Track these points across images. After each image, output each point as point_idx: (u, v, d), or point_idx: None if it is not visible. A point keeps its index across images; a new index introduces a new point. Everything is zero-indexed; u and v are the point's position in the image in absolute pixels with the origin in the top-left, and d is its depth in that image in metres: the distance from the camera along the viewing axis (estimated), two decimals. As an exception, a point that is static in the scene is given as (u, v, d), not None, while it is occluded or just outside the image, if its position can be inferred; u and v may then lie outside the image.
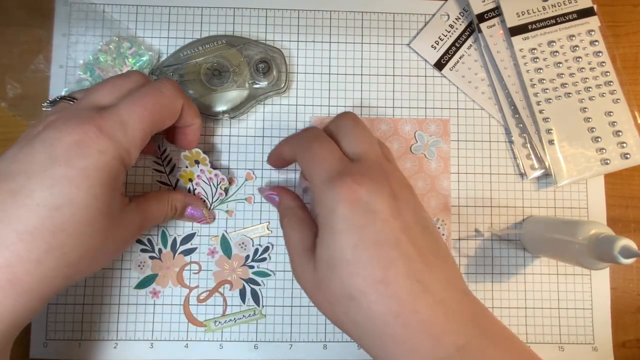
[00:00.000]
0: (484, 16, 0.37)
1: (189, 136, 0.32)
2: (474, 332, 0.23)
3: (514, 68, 0.37)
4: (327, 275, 0.25)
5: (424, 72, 0.38)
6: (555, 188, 0.37)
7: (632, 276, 0.37)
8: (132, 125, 0.25)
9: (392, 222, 0.24)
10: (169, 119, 0.28)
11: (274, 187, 0.34)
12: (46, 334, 0.34)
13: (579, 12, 0.36)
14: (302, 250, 0.27)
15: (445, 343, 0.22)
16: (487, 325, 0.24)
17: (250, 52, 0.35)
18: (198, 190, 0.34)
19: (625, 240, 0.26)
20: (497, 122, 0.37)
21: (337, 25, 0.38)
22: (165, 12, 0.37)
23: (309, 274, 0.26)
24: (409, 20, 0.38)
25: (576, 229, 0.29)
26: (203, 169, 0.33)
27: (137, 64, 0.35)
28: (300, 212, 0.30)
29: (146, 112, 0.26)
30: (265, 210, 0.36)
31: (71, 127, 0.24)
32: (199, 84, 0.34)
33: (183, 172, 0.34)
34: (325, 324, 0.35)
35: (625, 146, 0.35)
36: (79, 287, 0.35)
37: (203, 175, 0.34)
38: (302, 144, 0.28)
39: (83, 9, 0.36)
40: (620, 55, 0.37)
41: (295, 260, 0.28)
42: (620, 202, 0.37)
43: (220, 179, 0.34)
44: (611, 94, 0.36)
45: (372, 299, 0.23)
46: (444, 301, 0.23)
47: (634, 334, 0.36)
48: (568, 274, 0.36)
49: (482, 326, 0.24)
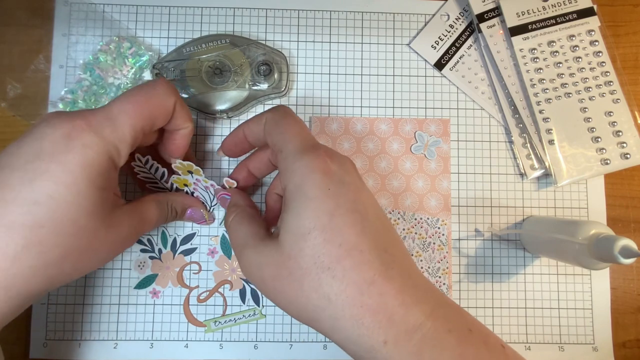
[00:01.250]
0: (484, 16, 0.37)
1: (177, 141, 0.30)
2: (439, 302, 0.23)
3: (514, 68, 0.37)
4: (297, 247, 0.23)
5: (424, 72, 0.38)
6: (555, 188, 0.37)
7: (632, 276, 0.37)
8: (121, 121, 0.25)
9: (362, 194, 0.25)
10: (160, 118, 0.27)
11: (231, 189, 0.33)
12: (46, 334, 0.34)
13: (579, 12, 0.36)
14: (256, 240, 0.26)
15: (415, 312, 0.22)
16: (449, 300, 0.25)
17: (253, 53, 0.35)
18: (196, 194, 0.34)
19: (625, 240, 0.26)
20: (497, 122, 0.37)
21: (337, 25, 0.38)
22: (165, 12, 0.37)
23: (268, 258, 0.25)
24: (409, 20, 0.38)
25: (576, 229, 0.29)
26: (199, 179, 0.32)
27: (137, 64, 0.35)
28: (249, 209, 0.30)
29: (136, 108, 0.26)
30: (265, 210, 0.36)
31: (61, 121, 0.24)
32: (199, 81, 0.34)
33: (177, 178, 0.33)
34: (325, 324, 0.35)
35: (625, 146, 0.35)
36: (79, 287, 0.35)
37: (199, 183, 0.33)
38: (275, 117, 0.28)
39: (83, 9, 0.36)
40: (620, 55, 0.37)
41: (248, 252, 0.26)
42: (620, 202, 0.37)
43: (216, 189, 0.33)
44: (611, 94, 0.36)
45: (347, 266, 0.23)
46: (410, 274, 0.24)
47: (634, 334, 0.36)
48: (568, 274, 0.36)
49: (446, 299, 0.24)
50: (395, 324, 0.22)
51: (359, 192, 0.25)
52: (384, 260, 0.23)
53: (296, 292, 0.24)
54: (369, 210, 0.25)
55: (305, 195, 0.24)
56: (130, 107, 0.25)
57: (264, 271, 0.25)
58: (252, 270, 0.26)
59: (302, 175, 0.24)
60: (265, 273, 0.25)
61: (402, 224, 0.36)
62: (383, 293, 0.22)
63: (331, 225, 0.23)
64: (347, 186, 0.24)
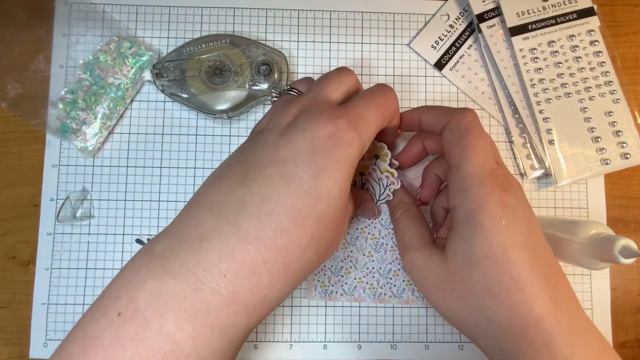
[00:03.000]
0: (484, 16, 0.37)
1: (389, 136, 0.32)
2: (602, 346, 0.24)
3: (514, 68, 0.37)
4: (466, 271, 0.25)
5: (424, 72, 0.38)
6: (555, 188, 0.37)
7: (632, 276, 0.37)
8: (369, 121, 0.26)
9: (533, 228, 0.25)
10: (390, 119, 0.29)
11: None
12: (46, 334, 0.34)
13: (579, 12, 0.36)
14: (422, 244, 0.28)
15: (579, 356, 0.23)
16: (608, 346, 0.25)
17: (253, 53, 0.35)
18: (367, 186, 0.34)
19: (626, 240, 0.26)
20: (497, 122, 0.37)
21: (337, 25, 0.38)
22: (165, 12, 0.37)
23: (435, 267, 0.27)
24: (409, 20, 0.38)
25: (576, 229, 0.29)
26: (375, 168, 0.33)
27: (137, 64, 0.35)
28: (415, 208, 0.31)
29: (380, 110, 0.27)
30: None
31: (325, 119, 0.24)
32: (199, 81, 0.34)
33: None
34: (325, 324, 0.35)
35: (625, 146, 0.35)
36: (79, 287, 0.35)
37: (374, 173, 0.33)
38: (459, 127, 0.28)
39: (83, 9, 0.36)
40: (620, 55, 0.37)
41: (414, 254, 0.28)
42: (620, 202, 0.37)
43: (390, 182, 0.33)
44: (611, 94, 0.36)
45: (517, 299, 0.24)
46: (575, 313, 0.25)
47: (634, 334, 0.36)
48: (568, 274, 0.36)
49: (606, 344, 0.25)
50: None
51: (530, 227, 0.25)
52: (553, 298, 0.24)
53: (456, 305, 0.26)
54: (539, 246, 0.25)
55: (479, 224, 0.25)
56: (375, 108, 0.27)
57: (427, 277, 0.27)
58: (414, 272, 0.28)
59: (476, 203, 0.25)
60: (428, 279, 0.27)
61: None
62: (549, 331, 0.23)
63: (503, 258, 0.24)
64: (520, 220, 0.25)
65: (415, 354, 0.35)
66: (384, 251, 0.35)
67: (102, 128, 0.35)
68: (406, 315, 0.35)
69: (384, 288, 0.35)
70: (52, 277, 0.35)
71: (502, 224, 0.25)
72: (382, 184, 0.33)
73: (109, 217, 0.35)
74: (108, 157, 0.36)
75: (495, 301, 0.24)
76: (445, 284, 0.26)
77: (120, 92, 0.35)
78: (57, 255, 0.35)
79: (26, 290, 0.35)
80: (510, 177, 0.27)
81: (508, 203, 0.25)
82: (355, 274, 0.35)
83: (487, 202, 0.25)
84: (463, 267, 0.25)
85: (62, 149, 0.36)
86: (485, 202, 0.25)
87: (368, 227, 0.35)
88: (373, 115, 0.26)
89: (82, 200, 0.35)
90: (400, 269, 0.35)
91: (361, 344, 0.35)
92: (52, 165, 0.35)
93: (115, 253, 0.35)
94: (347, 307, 0.35)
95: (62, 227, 0.35)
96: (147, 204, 0.36)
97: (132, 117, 0.36)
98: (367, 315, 0.35)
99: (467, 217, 0.25)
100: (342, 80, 0.28)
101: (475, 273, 0.25)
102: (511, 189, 0.26)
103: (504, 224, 0.25)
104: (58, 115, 0.35)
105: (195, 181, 0.36)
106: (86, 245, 0.35)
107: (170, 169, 0.36)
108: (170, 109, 0.36)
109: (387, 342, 0.35)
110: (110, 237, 0.35)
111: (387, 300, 0.35)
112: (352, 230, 0.35)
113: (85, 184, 0.35)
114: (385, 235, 0.35)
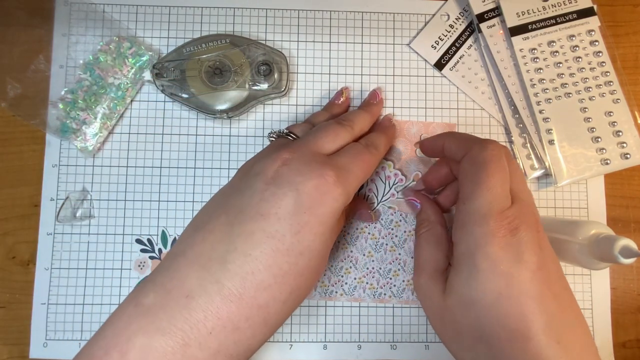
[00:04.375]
0: (484, 16, 0.37)
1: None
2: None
3: (514, 68, 0.37)
4: (459, 310, 0.25)
5: (424, 72, 0.38)
6: (555, 188, 0.37)
7: (632, 276, 0.37)
8: (355, 176, 0.27)
9: (538, 274, 0.23)
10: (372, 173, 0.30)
11: (417, 193, 0.33)
12: (46, 334, 0.34)
13: (579, 12, 0.36)
14: (432, 270, 0.28)
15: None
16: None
17: (253, 53, 0.35)
18: (370, 186, 0.34)
19: (626, 240, 0.26)
20: (497, 122, 0.37)
21: (337, 25, 0.38)
22: (165, 12, 0.37)
23: (435, 297, 0.27)
24: (409, 20, 0.38)
25: (576, 229, 0.29)
26: (384, 166, 0.33)
27: (137, 64, 0.35)
28: (440, 228, 0.30)
29: (365, 166, 0.28)
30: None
31: (311, 170, 0.25)
32: (199, 81, 0.34)
33: None
34: (325, 324, 0.35)
35: (625, 146, 0.35)
36: (79, 287, 0.35)
37: (382, 171, 0.33)
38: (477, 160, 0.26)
39: (83, 9, 0.36)
40: (620, 55, 0.37)
41: (422, 278, 0.28)
42: (620, 202, 0.37)
43: (399, 180, 0.33)
44: (611, 94, 0.36)
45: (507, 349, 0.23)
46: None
47: (634, 334, 0.36)
48: (568, 274, 0.36)
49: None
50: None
51: (536, 273, 0.23)
52: (553, 354, 0.22)
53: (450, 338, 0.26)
54: (544, 292, 0.23)
55: (476, 266, 0.24)
56: (361, 164, 0.28)
57: (426, 302, 0.27)
58: (419, 295, 0.28)
59: (476, 242, 0.24)
60: (427, 305, 0.27)
61: (404, 227, 0.36)
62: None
63: (496, 307, 0.23)
64: (523, 265, 0.23)
65: (415, 354, 0.35)
66: (384, 251, 0.35)
67: (102, 128, 0.35)
68: (406, 315, 0.35)
69: (384, 288, 0.35)
70: (52, 277, 0.35)
71: (499, 268, 0.23)
72: (389, 182, 0.33)
73: (109, 217, 0.35)
74: (108, 157, 0.36)
75: (485, 346, 0.24)
76: (444, 315, 0.26)
77: (120, 92, 0.35)
78: (57, 255, 0.35)
79: (26, 290, 0.35)
80: (524, 217, 0.24)
81: (512, 245, 0.23)
82: (355, 274, 0.35)
83: (487, 243, 0.24)
84: (458, 307, 0.25)
85: (62, 149, 0.36)
86: (484, 242, 0.24)
87: (368, 227, 0.35)
88: (359, 171, 0.27)
89: (82, 200, 0.35)
90: (400, 269, 0.35)
91: (361, 344, 0.35)
92: (52, 165, 0.35)
93: (115, 253, 0.35)
94: (347, 307, 0.35)
95: (62, 227, 0.35)
96: (147, 204, 0.36)
97: (132, 117, 0.36)
98: (367, 315, 0.35)
99: (465, 256, 0.25)
100: (339, 135, 0.28)
101: (467, 316, 0.24)
102: (522, 229, 0.24)
103: (502, 269, 0.23)
104: (58, 115, 0.35)
105: (195, 181, 0.36)
106: (86, 245, 0.35)
107: (170, 169, 0.36)
108: (170, 109, 0.36)
109: (387, 342, 0.35)
110: (110, 237, 0.35)
111: (387, 300, 0.35)
112: (352, 230, 0.35)
113: (85, 184, 0.36)
114: (385, 235, 0.35)
